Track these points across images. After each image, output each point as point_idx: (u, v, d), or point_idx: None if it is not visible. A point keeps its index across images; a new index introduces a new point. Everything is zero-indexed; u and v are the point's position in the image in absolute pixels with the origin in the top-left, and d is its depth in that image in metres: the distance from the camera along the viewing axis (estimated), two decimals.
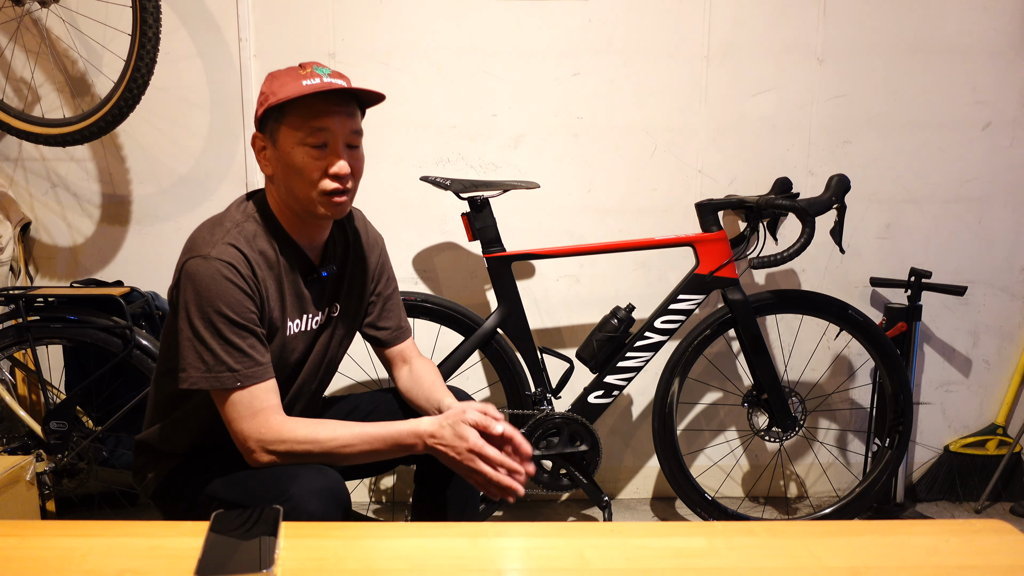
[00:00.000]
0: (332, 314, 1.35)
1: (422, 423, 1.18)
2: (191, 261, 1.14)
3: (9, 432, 1.97)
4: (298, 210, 1.23)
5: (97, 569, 0.86)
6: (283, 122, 1.18)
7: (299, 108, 1.16)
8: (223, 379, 1.13)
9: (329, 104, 1.17)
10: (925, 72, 2.17)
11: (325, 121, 1.17)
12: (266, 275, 1.20)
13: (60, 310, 1.89)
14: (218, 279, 1.12)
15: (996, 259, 2.28)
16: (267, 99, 1.18)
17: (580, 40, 2.11)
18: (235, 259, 1.15)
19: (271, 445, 1.14)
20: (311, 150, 1.17)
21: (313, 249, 1.29)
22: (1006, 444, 2.31)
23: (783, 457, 2.38)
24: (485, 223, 1.93)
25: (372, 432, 1.17)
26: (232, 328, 1.13)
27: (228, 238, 1.16)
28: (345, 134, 1.20)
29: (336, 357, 1.40)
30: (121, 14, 2.00)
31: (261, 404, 1.15)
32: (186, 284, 1.14)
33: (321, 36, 2.07)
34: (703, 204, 1.98)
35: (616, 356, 1.97)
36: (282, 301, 1.24)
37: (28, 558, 0.88)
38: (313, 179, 1.18)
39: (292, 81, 1.16)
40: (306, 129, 1.16)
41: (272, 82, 1.19)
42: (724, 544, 0.94)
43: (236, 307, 1.14)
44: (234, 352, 1.13)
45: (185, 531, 0.94)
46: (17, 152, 2.11)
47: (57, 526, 0.98)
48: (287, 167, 1.19)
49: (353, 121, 1.21)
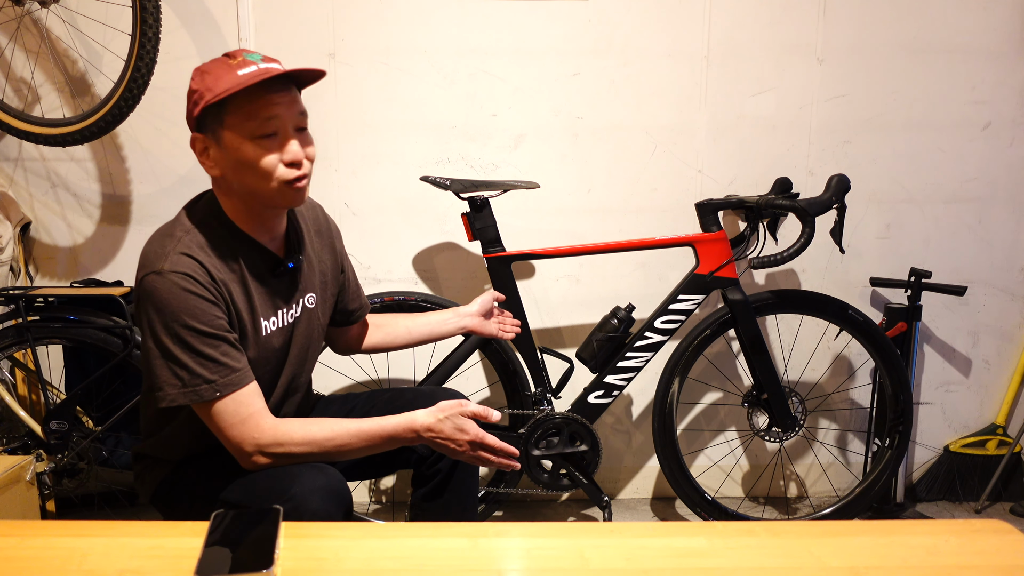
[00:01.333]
0: (307, 304, 1.32)
1: (417, 416, 1.18)
2: (146, 278, 1.10)
3: (9, 432, 1.97)
4: (254, 206, 1.18)
5: (97, 569, 0.86)
6: (225, 118, 1.11)
7: (241, 101, 1.10)
8: (201, 392, 1.10)
9: (271, 91, 1.11)
10: (925, 72, 2.17)
11: (271, 109, 1.11)
12: (227, 278, 1.16)
13: (60, 310, 1.89)
14: (176, 292, 1.09)
15: (996, 259, 2.28)
16: (202, 96, 1.11)
17: (580, 40, 2.11)
18: (190, 268, 1.10)
19: (268, 448, 1.13)
20: (262, 140, 1.12)
21: (274, 242, 1.24)
22: (1006, 444, 2.31)
23: (783, 457, 2.38)
24: (485, 223, 1.93)
25: (367, 428, 1.17)
26: (201, 339, 1.10)
27: (180, 247, 1.12)
28: (293, 118, 1.15)
29: (316, 344, 1.38)
30: (121, 14, 2.00)
31: (247, 410, 1.13)
32: (145, 302, 1.10)
33: (321, 36, 2.07)
34: (703, 204, 1.98)
35: (616, 356, 1.97)
36: (250, 302, 1.20)
37: (28, 558, 0.88)
38: (269, 171, 1.13)
39: (226, 73, 1.10)
40: (254, 121, 1.11)
41: (203, 77, 1.12)
42: (724, 544, 0.94)
43: (201, 317, 1.10)
44: (207, 363, 1.10)
45: (185, 531, 0.94)
46: (17, 152, 2.11)
47: (57, 526, 0.98)
48: (238, 164, 1.13)
49: (297, 103, 1.16)
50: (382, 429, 1.17)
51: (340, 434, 1.16)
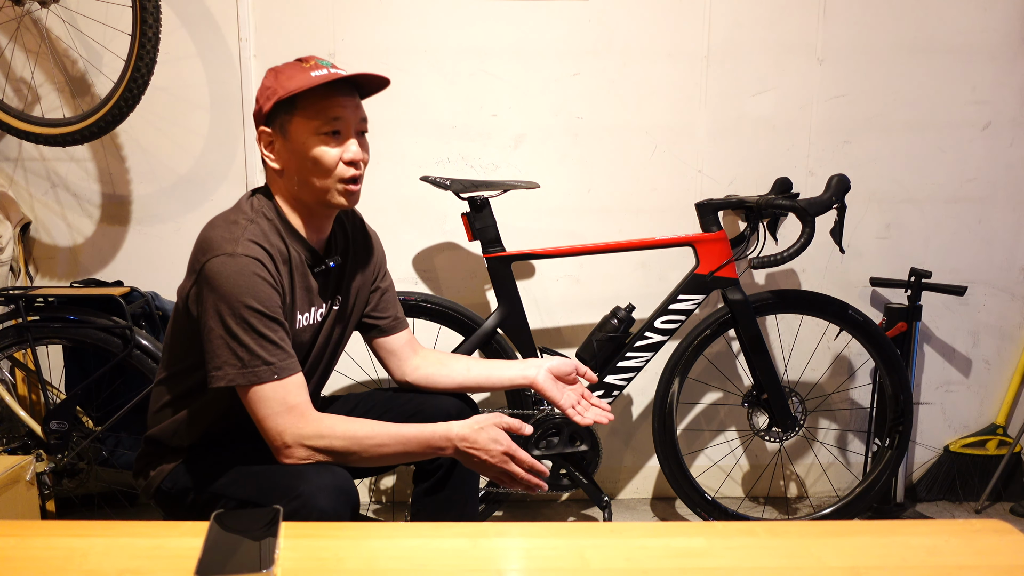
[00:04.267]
0: (334, 307, 1.35)
1: (453, 426, 1.20)
2: (216, 259, 1.14)
3: (9, 432, 1.97)
4: (311, 202, 1.24)
5: (97, 569, 0.86)
6: (295, 114, 1.19)
7: (311, 99, 1.19)
8: (260, 373, 1.13)
9: (339, 93, 1.20)
10: (925, 72, 2.17)
11: (338, 110, 1.20)
12: (283, 269, 1.22)
13: (60, 310, 1.89)
14: (247, 275, 1.13)
15: (996, 259, 2.28)
16: (275, 92, 1.19)
17: (580, 40, 2.11)
18: (260, 255, 1.16)
19: (310, 440, 1.14)
20: (326, 138, 1.20)
21: (319, 243, 1.31)
22: (1006, 444, 2.31)
23: (783, 457, 2.38)
24: (485, 223, 1.93)
25: (405, 433, 1.19)
26: (264, 321, 1.14)
27: (248, 235, 1.17)
28: (356, 122, 1.23)
29: (337, 351, 1.40)
30: (121, 14, 2.00)
31: (295, 399, 1.15)
32: (212, 283, 1.13)
33: (321, 36, 2.07)
34: (703, 204, 1.98)
35: (616, 356, 1.97)
36: (293, 295, 1.25)
37: (28, 558, 0.88)
38: (330, 167, 1.21)
39: (299, 74, 1.19)
40: (321, 118, 1.19)
41: (277, 76, 1.21)
42: (724, 544, 0.94)
43: (266, 301, 1.14)
44: (268, 345, 1.14)
45: (185, 531, 0.94)
46: (17, 152, 2.11)
47: (57, 526, 0.98)
48: (302, 158, 1.20)
49: (361, 109, 1.25)
50: (420, 434, 1.19)
51: (380, 434, 1.18)
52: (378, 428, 1.19)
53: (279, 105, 1.20)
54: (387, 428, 1.19)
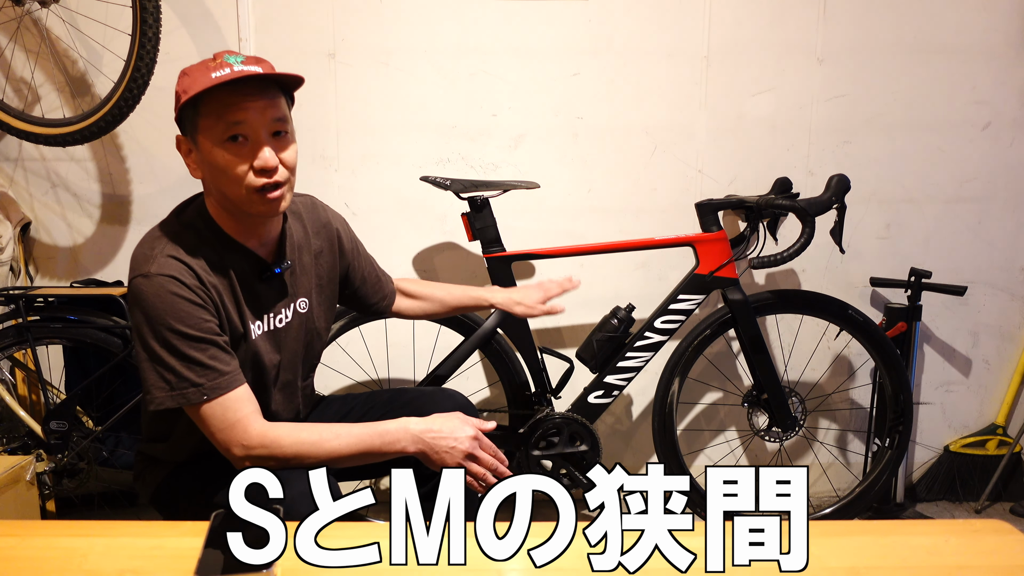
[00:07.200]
0: (300, 309, 1.30)
1: (412, 420, 1.19)
2: (134, 281, 1.10)
3: (9, 432, 1.97)
4: (233, 211, 1.17)
5: (97, 569, 0.86)
6: (199, 120, 1.10)
7: (211, 103, 1.08)
8: (188, 395, 1.09)
9: (242, 94, 1.08)
10: (925, 72, 2.17)
11: (239, 113, 1.08)
12: (215, 280, 1.15)
13: (60, 310, 1.89)
14: (164, 295, 1.08)
15: (996, 259, 2.28)
16: (179, 98, 1.10)
17: (580, 40, 2.11)
18: (177, 271, 1.10)
19: (255, 452, 1.12)
20: (230, 145, 1.09)
21: (265, 247, 1.23)
22: (1006, 444, 2.31)
23: (783, 457, 2.38)
24: (485, 223, 1.93)
25: (359, 431, 1.17)
26: (188, 343, 1.09)
27: (167, 250, 1.11)
28: (266, 123, 1.11)
29: (314, 346, 1.37)
30: (121, 14, 2.00)
31: (235, 414, 1.12)
32: (134, 306, 1.10)
33: (321, 36, 2.06)
34: (703, 204, 1.98)
35: (616, 356, 1.97)
36: (238, 306, 1.19)
37: (28, 558, 0.89)
38: (238, 177, 1.10)
39: (202, 75, 1.07)
40: (222, 124, 1.09)
41: (184, 79, 1.11)
42: None
43: (188, 320, 1.09)
44: (195, 367, 1.09)
45: (185, 531, 0.94)
46: (17, 152, 2.11)
47: (57, 526, 0.99)
48: (211, 168, 1.12)
49: (274, 108, 1.12)
50: (373, 428, 1.17)
51: (329, 438, 1.15)
52: (332, 429, 1.16)
53: (183, 110, 1.11)
54: (342, 428, 1.17)
